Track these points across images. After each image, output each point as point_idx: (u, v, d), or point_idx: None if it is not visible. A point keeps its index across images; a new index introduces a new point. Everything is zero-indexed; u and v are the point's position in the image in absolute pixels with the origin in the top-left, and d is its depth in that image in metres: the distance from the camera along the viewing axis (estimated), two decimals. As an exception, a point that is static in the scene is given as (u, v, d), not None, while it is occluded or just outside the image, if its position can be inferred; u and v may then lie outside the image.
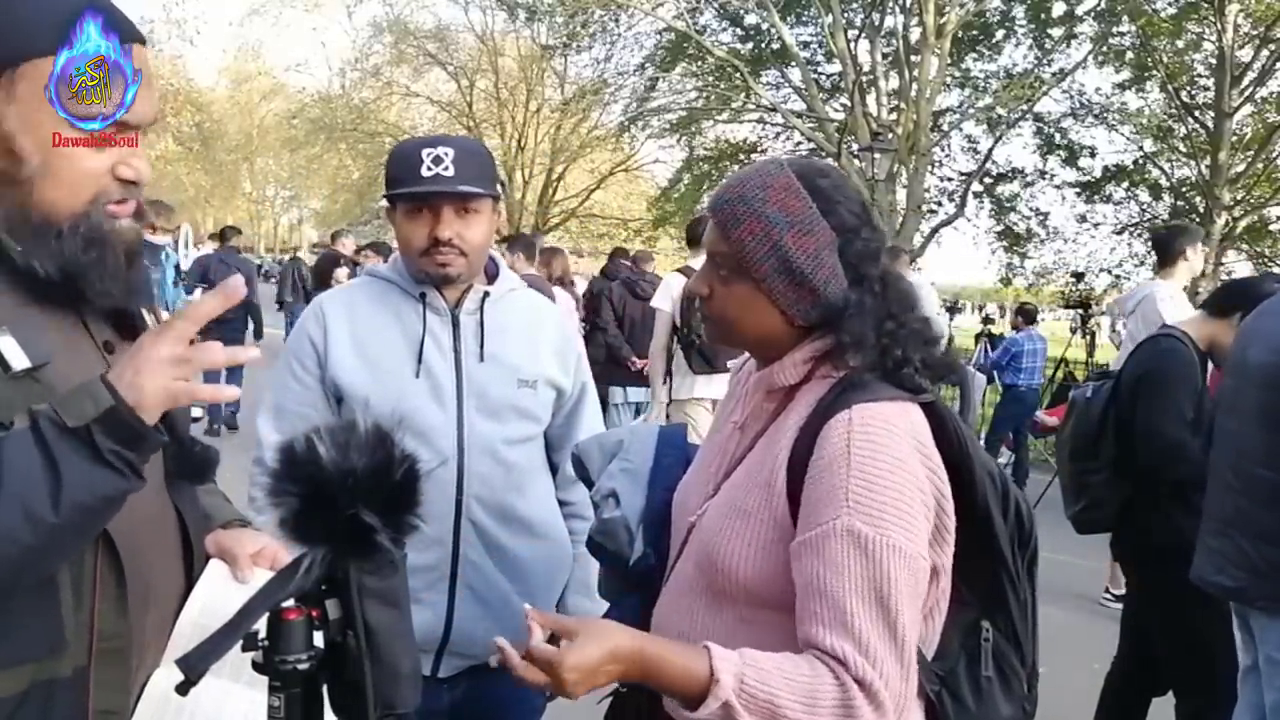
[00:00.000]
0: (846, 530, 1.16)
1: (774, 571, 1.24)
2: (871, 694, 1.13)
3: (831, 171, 1.35)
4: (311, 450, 0.90)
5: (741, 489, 1.31)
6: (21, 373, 1.03)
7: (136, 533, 1.11)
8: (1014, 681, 1.33)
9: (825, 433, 1.22)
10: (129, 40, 1.09)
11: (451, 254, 1.77)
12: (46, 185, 1.05)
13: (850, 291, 1.28)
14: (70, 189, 1.06)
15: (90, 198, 1.07)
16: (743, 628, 1.28)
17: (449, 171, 1.74)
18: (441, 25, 24.58)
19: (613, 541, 1.47)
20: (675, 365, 5.43)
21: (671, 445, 1.58)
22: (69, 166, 1.05)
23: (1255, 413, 2.45)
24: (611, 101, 22.24)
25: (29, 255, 1.05)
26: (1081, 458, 3.16)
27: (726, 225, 1.29)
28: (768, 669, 1.13)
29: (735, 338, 1.38)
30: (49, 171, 1.05)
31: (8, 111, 1.03)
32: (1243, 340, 2.60)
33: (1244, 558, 2.44)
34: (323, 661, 0.95)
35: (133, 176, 1.10)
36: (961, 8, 16.68)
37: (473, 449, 1.81)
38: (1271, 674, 2.48)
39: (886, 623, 1.15)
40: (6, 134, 1.03)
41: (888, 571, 1.15)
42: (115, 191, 1.09)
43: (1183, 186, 18.59)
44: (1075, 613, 4.82)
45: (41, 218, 1.05)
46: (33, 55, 1.02)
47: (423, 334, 1.82)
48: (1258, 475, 2.44)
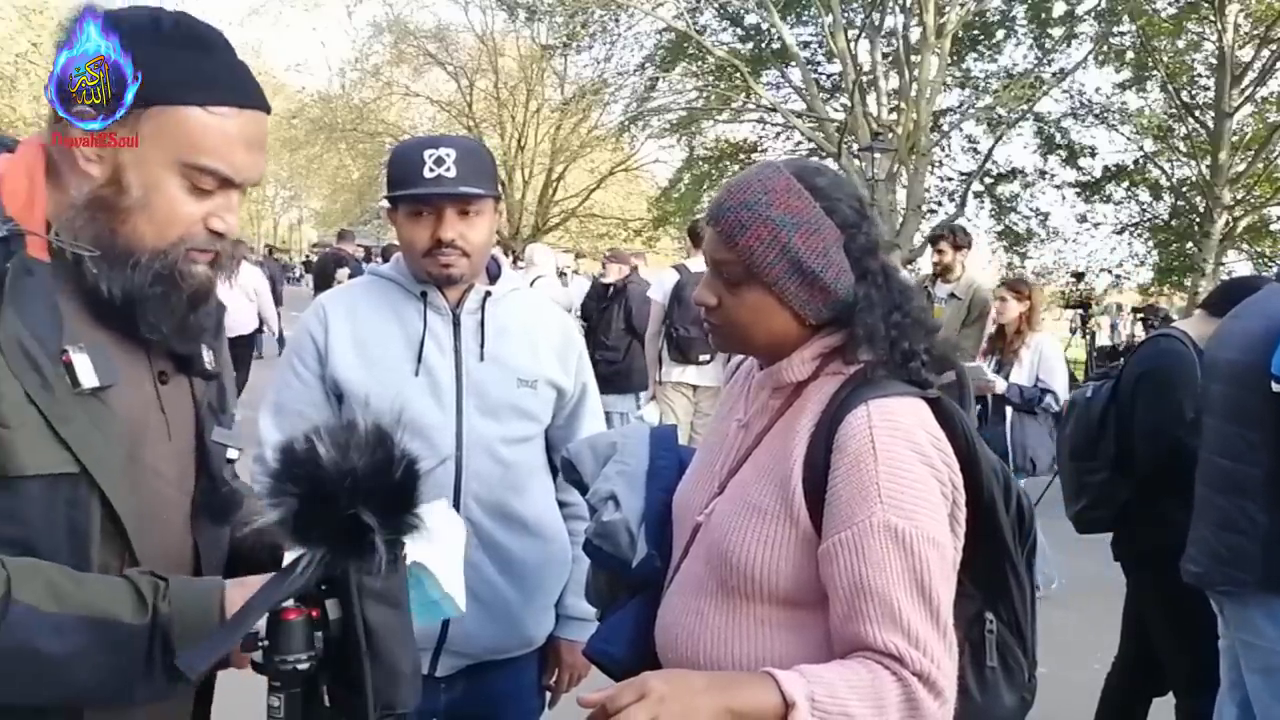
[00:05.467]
0: (884, 526, 1.17)
1: (793, 568, 1.25)
2: (931, 684, 1.15)
3: (826, 169, 1.36)
4: (311, 450, 0.90)
5: (753, 486, 1.31)
6: (89, 390, 1.06)
7: (154, 568, 1.11)
8: (1017, 671, 1.34)
9: (844, 430, 1.22)
10: (253, 107, 1.14)
11: (454, 255, 1.77)
12: (140, 218, 1.10)
13: (858, 286, 1.29)
14: (160, 226, 1.11)
15: (175, 239, 1.12)
16: (759, 627, 1.28)
17: (451, 173, 1.74)
18: (441, 25, 24.64)
19: (612, 544, 1.46)
20: (662, 353, 6.06)
21: (665, 447, 1.58)
22: (166, 206, 1.10)
23: (1220, 406, 2.53)
24: (611, 101, 22.27)
25: (101, 277, 1.09)
26: (1081, 458, 3.17)
27: (732, 233, 1.28)
28: (833, 681, 1.14)
29: (747, 344, 1.37)
30: (146, 206, 1.10)
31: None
32: (1215, 342, 2.66)
33: (1206, 544, 2.51)
34: (323, 661, 0.95)
35: (222, 229, 1.15)
36: (961, 7, 16.69)
37: (472, 448, 1.81)
38: (1247, 656, 2.52)
39: (930, 611, 1.17)
40: (121, 164, 1.09)
41: (926, 562, 1.18)
42: (201, 239, 1.14)
43: (1183, 186, 18.59)
44: (1075, 612, 4.81)
45: (126, 245, 1.10)
46: (163, 102, 1.08)
47: (423, 333, 1.82)
48: (1216, 464, 2.52)
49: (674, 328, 5.90)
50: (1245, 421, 2.44)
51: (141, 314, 1.12)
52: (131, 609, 1.02)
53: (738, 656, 1.28)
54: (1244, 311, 2.59)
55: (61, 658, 0.98)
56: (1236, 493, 2.44)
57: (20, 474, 1.01)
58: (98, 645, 1.00)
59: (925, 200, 18.18)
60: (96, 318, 1.12)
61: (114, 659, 1.01)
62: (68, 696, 1.02)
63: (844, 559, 1.19)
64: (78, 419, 1.05)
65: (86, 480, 1.05)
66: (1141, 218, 19.71)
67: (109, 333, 1.13)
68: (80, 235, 1.09)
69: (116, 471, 1.07)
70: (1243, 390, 2.45)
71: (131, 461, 1.10)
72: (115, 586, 1.04)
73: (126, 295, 1.10)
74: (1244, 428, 2.44)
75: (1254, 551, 2.40)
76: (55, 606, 0.99)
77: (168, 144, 1.09)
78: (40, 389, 1.03)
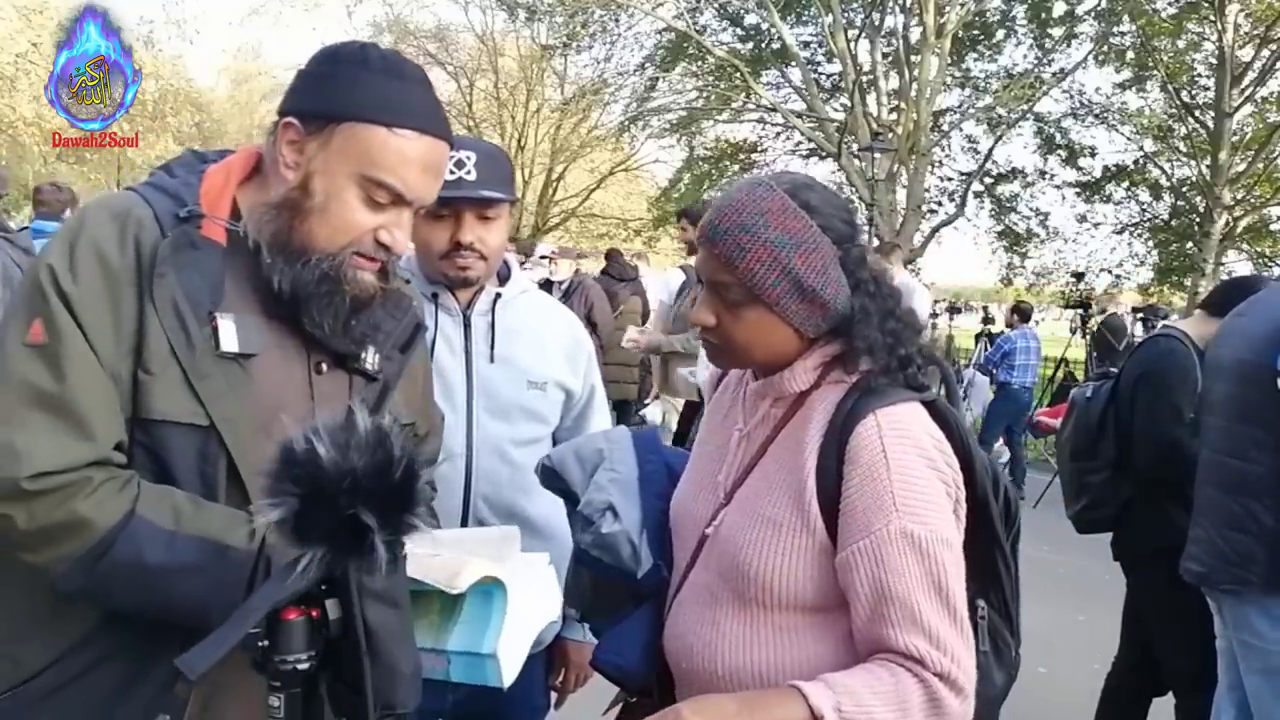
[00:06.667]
0: (901, 533, 1.22)
1: (811, 577, 1.28)
2: (952, 682, 1.20)
3: (815, 183, 1.37)
4: (311, 450, 0.90)
5: (765, 498, 1.32)
6: (230, 355, 1.17)
7: None
8: (1005, 652, 1.42)
9: (855, 441, 1.26)
10: (435, 135, 1.25)
11: (472, 258, 1.78)
12: (316, 220, 1.20)
13: (854, 298, 1.32)
14: (333, 230, 1.21)
15: (345, 243, 1.22)
16: (778, 634, 1.30)
17: (471, 175, 1.74)
18: (441, 25, 24.60)
19: (612, 556, 1.44)
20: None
21: (651, 451, 1.58)
22: (342, 214, 1.21)
23: (1225, 406, 2.53)
24: (611, 101, 22.26)
25: (274, 268, 1.20)
26: (1081, 458, 3.17)
27: (731, 256, 1.28)
28: (856, 689, 1.17)
29: (746, 361, 1.39)
30: (325, 211, 1.20)
31: (319, 155, 1.20)
32: (1218, 341, 2.66)
33: (1211, 544, 2.51)
34: (323, 661, 0.95)
35: (389, 243, 1.24)
36: (962, 7, 16.70)
37: (481, 449, 1.81)
38: (1246, 657, 2.52)
39: (948, 610, 1.22)
40: (311, 172, 1.20)
41: (942, 563, 1.23)
42: (369, 248, 1.23)
43: (1183, 186, 18.61)
44: (1075, 613, 4.81)
45: (300, 244, 1.21)
46: (354, 120, 1.19)
47: (434, 334, 1.82)
48: (1224, 464, 2.51)
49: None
50: (1249, 420, 2.45)
51: (306, 309, 1.22)
52: (243, 538, 1.12)
53: (757, 664, 1.30)
54: (1248, 310, 2.59)
55: (166, 569, 1.09)
56: (1244, 493, 2.44)
57: (158, 418, 1.14)
58: (203, 564, 1.10)
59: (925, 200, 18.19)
60: (263, 303, 1.22)
61: (215, 579, 1.10)
62: (165, 607, 1.11)
63: (864, 567, 1.23)
64: (214, 377, 1.16)
65: (215, 436, 1.15)
66: (1141, 218, 19.73)
67: (271, 318, 1.23)
68: (263, 229, 1.21)
69: (244, 432, 1.17)
70: (1246, 388, 2.45)
71: (263, 430, 1.17)
72: (235, 517, 1.14)
73: (294, 289, 1.20)
74: (1251, 427, 2.44)
75: (1259, 552, 2.40)
76: (173, 525, 1.11)
77: (352, 157, 1.19)
78: (185, 345, 1.14)
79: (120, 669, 1.15)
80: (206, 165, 1.28)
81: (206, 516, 1.13)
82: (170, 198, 1.21)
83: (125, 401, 1.13)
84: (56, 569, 1.09)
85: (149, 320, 1.13)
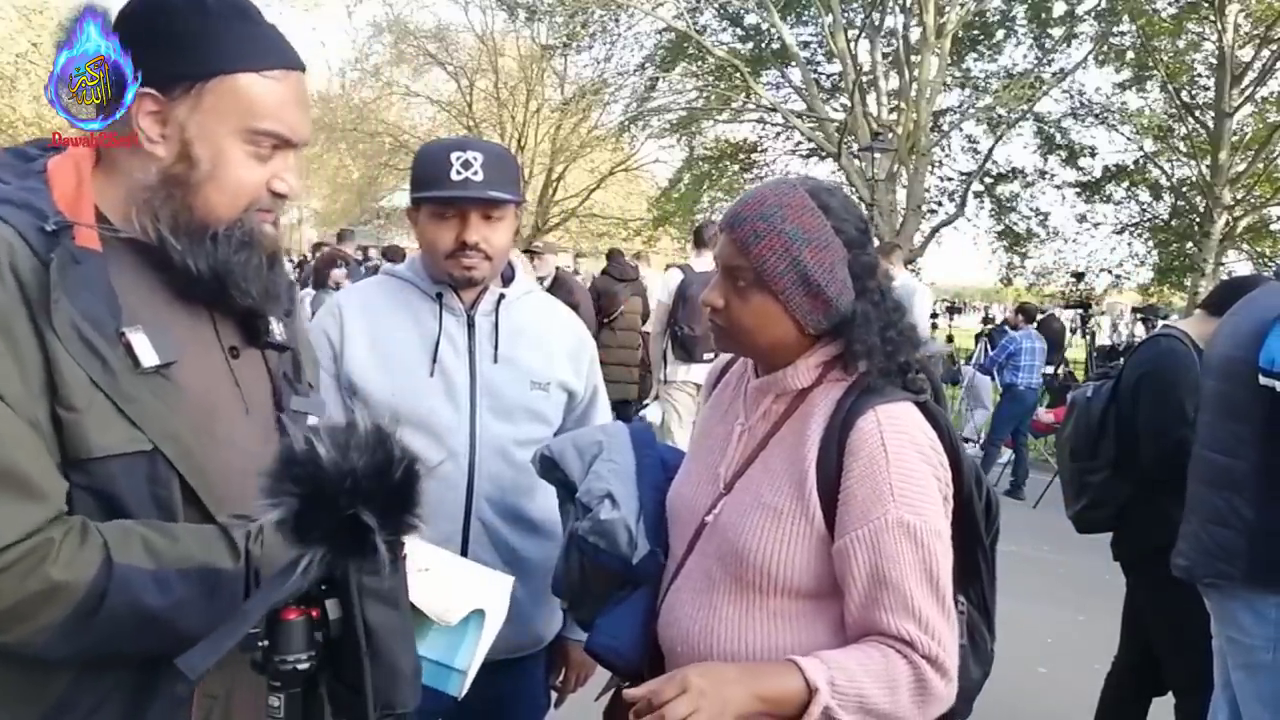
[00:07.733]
0: (897, 523, 1.28)
1: (807, 563, 1.34)
2: (938, 665, 1.28)
3: (837, 190, 1.46)
4: (311, 450, 0.90)
5: (765, 487, 1.38)
6: (151, 369, 1.09)
7: None
8: (982, 645, 1.49)
9: (856, 435, 1.33)
10: (298, 68, 1.18)
11: (477, 258, 1.79)
12: (211, 190, 1.13)
13: (857, 303, 1.38)
14: (231, 195, 1.14)
15: (245, 205, 1.16)
16: (772, 619, 1.36)
17: (478, 176, 1.75)
18: (441, 25, 24.57)
19: (609, 542, 1.49)
20: (666, 352, 6.23)
21: (646, 445, 1.66)
22: (233, 175, 1.14)
23: (1213, 402, 2.55)
24: (611, 101, 22.26)
25: (186, 254, 1.13)
26: (1081, 458, 3.17)
27: (747, 241, 1.36)
28: (849, 666, 1.26)
29: (748, 346, 1.45)
30: (215, 178, 1.13)
31: (192, 120, 1.11)
32: (1212, 340, 2.68)
33: (1196, 539, 2.53)
34: (323, 661, 0.95)
35: (285, 190, 1.19)
36: (961, 7, 16.70)
37: (484, 449, 1.82)
38: (1231, 653, 2.53)
39: (938, 598, 1.30)
40: (188, 140, 1.12)
41: (935, 553, 1.30)
42: (266, 202, 1.18)
43: (1183, 186, 18.61)
44: (1075, 613, 4.81)
45: (201, 219, 1.13)
46: (220, 73, 1.11)
47: (438, 334, 1.83)
48: (1207, 459, 2.53)
49: (678, 327, 6.05)
50: (1235, 416, 2.46)
51: (233, 283, 1.15)
52: (226, 556, 1.09)
53: (752, 647, 1.37)
54: (1240, 309, 2.61)
55: (167, 609, 1.04)
56: (1227, 487, 2.46)
57: (99, 454, 1.04)
58: (199, 594, 1.06)
59: (925, 200, 18.20)
60: (164, 302, 1.15)
61: (214, 604, 1.06)
62: (172, 645, 1.01)
63: (861, 553, 1.29)
64: (143, 397, 1.08)
65: (161, 457, 1.08)
66: (1141, 218, 19.73)
67: (172, 313, 1.16)
68: (160, 215, 1.12)
69: (188, 444, 1.11)
70: (1232, 385, 2.47)
71: (204, 435, 1.13)
72: (207, 536, 1.09)
73: (213, 269, 1.14)
74: (1234, 422, 2.46)
75: (1240, 546, 2.42)
76: (154, 563, 1.04)
77: (229, 112, 1.12)
78: (102, 371, 1.05)
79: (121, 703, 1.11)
80: (33, 164, 1.15)
81: (181, 544, 1.07)
82: (22, 209, 1.07)
83: (50, 445, 1.02)
84: (35, 641, 1.01)
85: (55, 353, 1.02)
